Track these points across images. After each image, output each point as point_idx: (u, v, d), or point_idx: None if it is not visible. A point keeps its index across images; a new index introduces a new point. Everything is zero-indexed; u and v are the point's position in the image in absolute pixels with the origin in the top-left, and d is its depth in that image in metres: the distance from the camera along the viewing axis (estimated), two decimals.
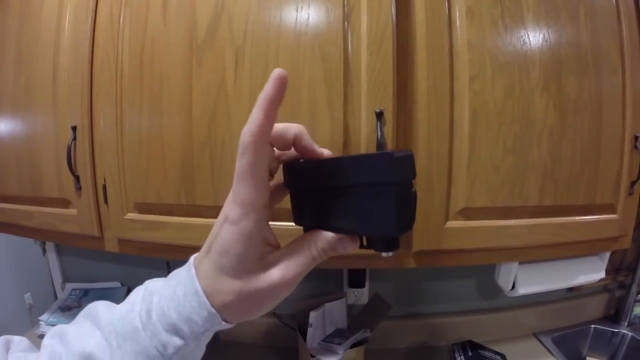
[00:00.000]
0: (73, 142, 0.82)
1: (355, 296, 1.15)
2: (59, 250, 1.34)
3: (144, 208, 0.81)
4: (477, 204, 0.74)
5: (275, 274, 0.32)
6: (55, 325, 1.18)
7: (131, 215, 0.82)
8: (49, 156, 0.86)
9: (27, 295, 1.73)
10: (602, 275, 1.02)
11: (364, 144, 0.69)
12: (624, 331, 1.21)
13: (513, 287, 0.95)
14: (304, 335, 0.99)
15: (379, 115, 0.68)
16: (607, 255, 1.04)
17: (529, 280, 0.95)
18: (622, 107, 0.79)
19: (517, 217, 0.77)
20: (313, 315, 0.97)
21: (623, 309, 1.24)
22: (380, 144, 0.68)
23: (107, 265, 1.30)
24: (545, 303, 1.23)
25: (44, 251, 1.32)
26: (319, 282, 1.19)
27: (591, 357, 1.22)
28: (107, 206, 0.82)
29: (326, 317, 1.02)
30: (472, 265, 0.79)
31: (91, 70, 0.81)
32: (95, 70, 0.81)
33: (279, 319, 1.13)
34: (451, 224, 0.74)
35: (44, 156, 0.87)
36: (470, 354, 1.04)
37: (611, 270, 1.19)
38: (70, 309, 1.25)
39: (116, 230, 0.83)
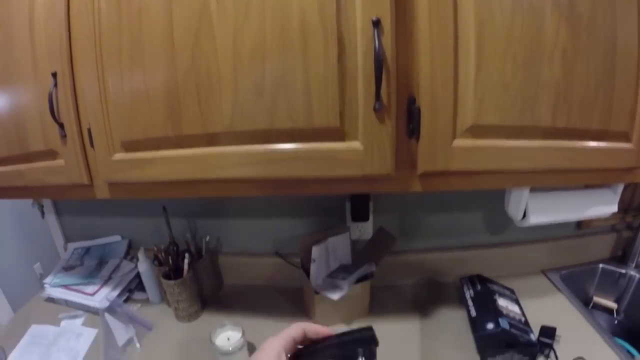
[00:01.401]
0: (54, 89, 0.76)
1: (359, 231, 1.09)
2: (57, 212, 1.28)
3: (130, 146, 0.75)
4: (486, 122, 0.67)
5: None
6: (60, 286, 1.16)
7: (118, 156, 0.76)
8: (32, 109, 0.81)
9: (37, 265, 1.70)
10: (615, 209, 0.96)
11: (360, 58, 0.61)
12: (632, 272, 1.17)
13: (524, 216, 0.88)
14: (308, 273, 0.94)
15: (376, 24, 0.60)
16: (620, 188, 0.98)
17: (541, 209, 0.88)
18: (637, 32, 0.70)
19: (528, 138, 0.70)
20: (315, 250, 0.91)
21: (630, 251, 1.18)
22: (379, 55, 0.59)
23: (107, 220, 1.25)
24: (553, 239, 1.18)
25: (43, 214, 1.27)
26: (321, 218, 1.14)
27: (598, 297, 1.18)
28: (94, 149, 0.77)
29: (329, 253, 0.97)
30: (481, 189, 0.73)
31: (68, 14, 0.73)
32: (72, 13, 0.73)
33: (283, 258, 1.08)
34: (459, 142, 0.67)
35: (27, 110, 0.82)
36: (479, 287, 0.99)
37: (620, 209, 1.12)
38: (73, 267, 1.21)
39: (105, 173, 0.78)
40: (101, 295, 1.10)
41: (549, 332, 0.93)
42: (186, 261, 1.01)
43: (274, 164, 0.67)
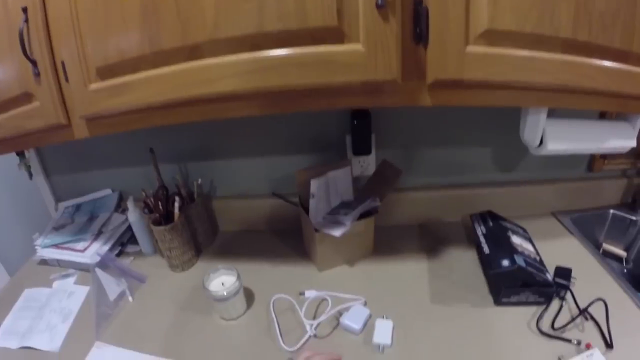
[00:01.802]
0: (25, 25, 0.68)
1: (361, 167, 1.02)
2: (46, 172, 1.21)
3: (106, 72, 0.68)
4: (502, 27, 0.59)
5: None
6: (51, 246, 1.09)
7: (95, 86, 0.69)
8: (4, 51, 0.73)
9: (36, 235, 1.63)
10: (633, 143, 0.89)
11: None
12: None
13: (540, 143, 0.81)
14: (307, 212, 0.87)
15: None
16: (639, 123, 0.89)
17: (558, 136, 0.81)
18: None
19: (548, 50, 0.62)
20: (314, 184, 0.84)
21: None
22: None
23: (96, 175, 1.18)
24: (563, 181, 1.11)
25: (30, 175, 1.20)
26: (321, 153, 1.06)
27: (608, 244, 1.12)
28: (69, 83, 0.70)
29: (330, 188, 0.90)
30: (495, 106, 0.66)
31: None
32: None
33: (280, 198, 1.00)
34: (473, 49, 0.59)
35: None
36: (491, 224, 0.92)
37: (631, 154, 1.06)
38: (63, 226, 1.14)
39: (82, 107, 0.72)
40: (92, 251, 1.04)
41: (564, 273, 0.87)
42: (176, 205, 0.94)
43: (265, 73, 0.60)
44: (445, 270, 0.95)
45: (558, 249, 0.97)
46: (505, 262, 0.80)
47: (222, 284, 0.83)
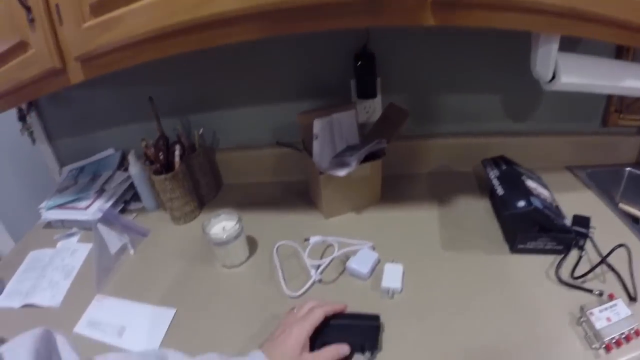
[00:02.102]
0: None
1: (367, 112, 0.97)
2: (49, 137, 1.19)
3: (99, 8, 0.65)
4: None
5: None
6: (55, 207, 1.07)
7: (88, 24, 0.66)
8: None
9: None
10: None
11: None
12: None
13: (553, 78, 0.75)
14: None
15: None
16: None
17: (571, 69, 0.74)
18: None
19: None
20: (317, 124, 0.80)
21: None
22: None
23: (98, 136, 1.16)
24: (577, 134, 1.04)
25: (33, 140, 1.18)
26: (324, 99, 1.01)
27: (624, 204, 1.05)
28: (62, 25, 0.68)
29: (334, 131, 0.85)
30: (502, 28, 0.60)
31: None
32: None
33: (285, 146, 0.96)
34: None
35: None
36: (504, 167, 0.87)
37: None
38: (67, 188, 1.12)
39: (76, 47, 0.70)
40: (94, 208, 1.02)
41: (583, 222, 0.81)
42: (177, 153, 0.91)
43: None
44: (456, 218, 0.90)
45: (574, 200, 0.91)
46: (521, 203, 0.75)
47: (223, 229, 0.80)
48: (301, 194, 1.03)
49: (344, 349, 0.58)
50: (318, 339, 0.59)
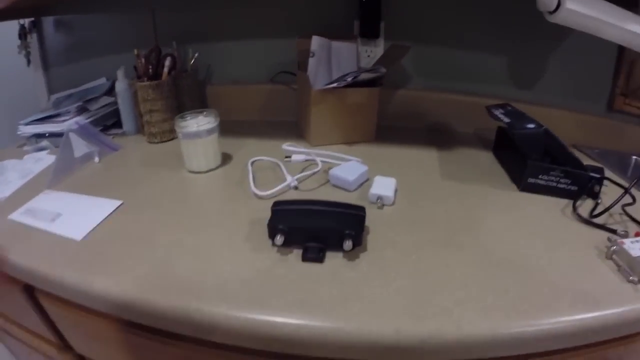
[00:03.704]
0: None
1: (368, 56, 0.88)
2: (45, 63, 1.13)
3: None
4: None
5: None
6: (32, 122, 0.98)
7: None
8: None
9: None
10: None
11: None
12: None
13: (557, 7, 0.67)
14: None
15: None
16: None
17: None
18: None
19: None
20: (316, 41, 0.72)
21: None
22: None
23: (93, 65, 1.09)
24: (584, 113, 0.95)
25: (29, 62, 1.12)
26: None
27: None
28: None
29: (332, 58, 0.77)
30: None
31: None
32: None
33: (281, 83, 0.87)
34: None
35: None
36: (509, 108, 0.77)
37: None
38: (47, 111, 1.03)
39: None
40: (72, 122, 0.92)
41: (596, 170, 0.70)
42: (167, 63, 0.83)
43: None
44: (457, 158, 0.79)
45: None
46: (531, 125, 0.65)
47: (197, 125, 0.69)
48: (291, 130, 0.93)
49: None
50: (300, 223, 0.49)
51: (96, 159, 0.82)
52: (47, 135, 0.97)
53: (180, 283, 0.45)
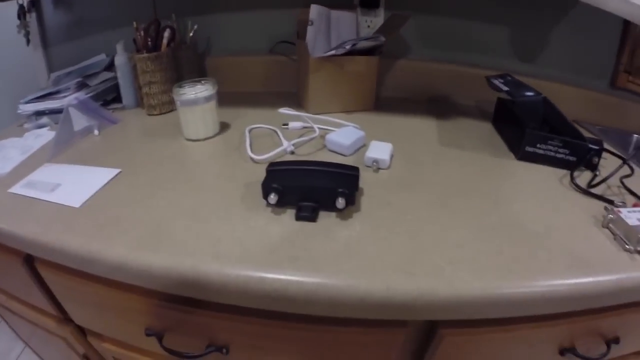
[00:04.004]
0: None
1: (368, 27, 0.87)
2: (44, 42, 1.12)
3: None
4: None
5: None
6: (32, 101, 0.97)
7: None
8: None
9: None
10: None
11: None
12: None
13: None
14: None
15: None
16: None
17: None
18: None
19: None
20: (314, 9, 0.71)
21: None
22: None
23: (93, 43, 1.08)
24: (586, 89, 0.93)
25: (28, 41, 1.11)
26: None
27: None
28: None
29: (332, 27, 0.76)
30: None
31: None
32: None
33: (281, 54, 0.85)
34: None
35: None
36: (509, 78, 0.75)
37: None
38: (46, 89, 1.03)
39: None
40: (71, 97, 0.92)
41: (595, 142, 0.69)
42: (166, 35, 0.82)
43: None
44: (457, 127, 0.78)
45: None
46: (530, 93, 0.63)
47: (195, 93, 0.69)
48: (290, 100, 0.92)
49: None
50: (294, 182, 0.48)
51: (96, 132, 0.81)
52: (47, 112, 0.97)
53: (175, 243, 0.45)
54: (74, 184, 0.62)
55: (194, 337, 0.51)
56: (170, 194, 0.55)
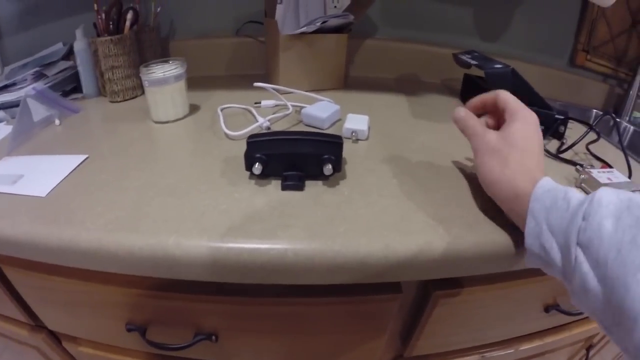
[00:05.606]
0: None
1: (335, 6, 0.84)
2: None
3: None
4: None
5: None
6: None
7: None
8: None
9: None
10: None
11: None
12: (625, 123, 0.96)
13: None
14: None
15: None
16: None
17: None
18: None
19: None
20: None
21: (622, 108, 0.98)
22: None
23: (49, 32, 0.98)
24: (547, 66, 0.96)
25: None
26: None
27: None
28: None
29: (300, 5, 0.72)
30: None
31: None
32: None
33: (249, 36, 0.81)
34: None
35: None
36: (476, 53, 0.76)
37: (612, 58, 0.97)
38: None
39: None
40: (28, 88, 0.83)
41: (561, 112, 0.70)
42: (129, 16, 0.76)
43: None
44: (428, 101, 0.77)
45: None
46: (499, 65, 0.64)
47: (164, 72, 0.64)
48: (259, 81, 0.88)
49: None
50: (278, 150, 0.46)
51: (57, 122, 0.74)
52: (2, 106, 0.88)
53: (155, 220, 0.40)
54: (38, 174, 0.55)
55: (179, 327, 0.47)
56: (145, 174, 0.50)
